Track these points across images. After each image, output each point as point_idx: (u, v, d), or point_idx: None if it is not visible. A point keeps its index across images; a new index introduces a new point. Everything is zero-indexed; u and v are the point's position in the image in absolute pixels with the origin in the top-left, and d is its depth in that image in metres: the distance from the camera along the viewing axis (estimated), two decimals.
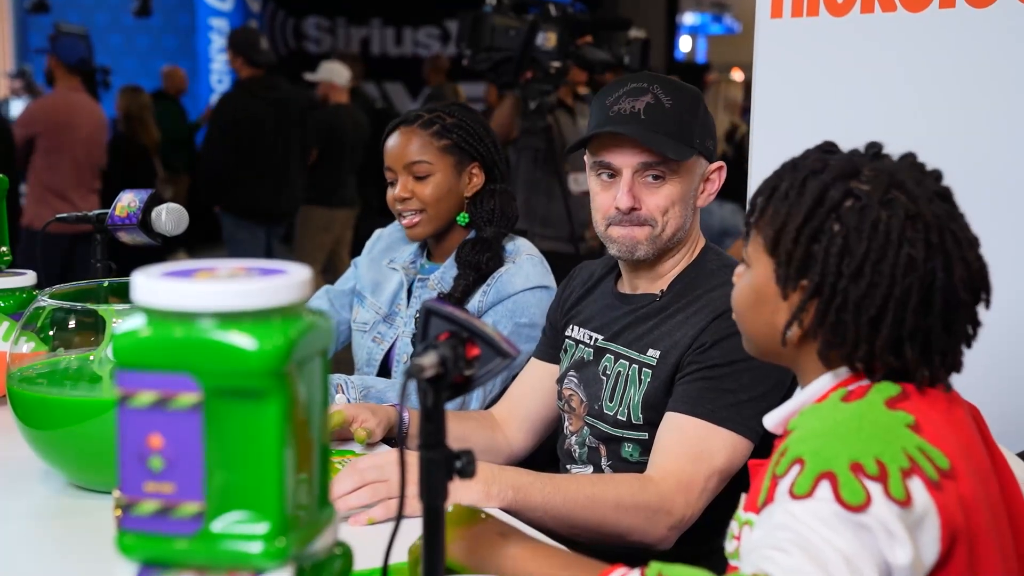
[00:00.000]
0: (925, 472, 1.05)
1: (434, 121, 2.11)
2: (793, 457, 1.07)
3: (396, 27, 11.98)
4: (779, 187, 1.19)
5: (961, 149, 1.81)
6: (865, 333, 1.12)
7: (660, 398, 1.67)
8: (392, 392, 2.04)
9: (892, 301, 1.11)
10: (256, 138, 5.36)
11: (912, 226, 1.11)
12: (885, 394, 1.12)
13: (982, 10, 1.78)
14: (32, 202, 5.08)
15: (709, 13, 17.13)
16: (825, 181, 1.15)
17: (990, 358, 1.75)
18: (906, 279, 1.11)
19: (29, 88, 8.16)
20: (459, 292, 2.08)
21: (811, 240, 1.14)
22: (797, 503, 1.04)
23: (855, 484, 1.02)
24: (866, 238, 1.11)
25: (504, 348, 1.01)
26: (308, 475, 0.87)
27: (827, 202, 1.14)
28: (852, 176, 1.15)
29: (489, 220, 2.14)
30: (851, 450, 1.05)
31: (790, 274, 1.16)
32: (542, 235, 4.12)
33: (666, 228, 1.72)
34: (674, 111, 1.70)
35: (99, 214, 2.10)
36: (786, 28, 2.09)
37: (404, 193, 2.10)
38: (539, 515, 1.52)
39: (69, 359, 1.60)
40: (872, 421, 1.09)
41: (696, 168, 1.74)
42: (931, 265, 1.11)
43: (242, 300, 0.82)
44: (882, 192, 1.13)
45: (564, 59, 4.05)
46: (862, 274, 1.11)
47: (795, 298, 1.17)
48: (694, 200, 1.75)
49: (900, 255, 1.11)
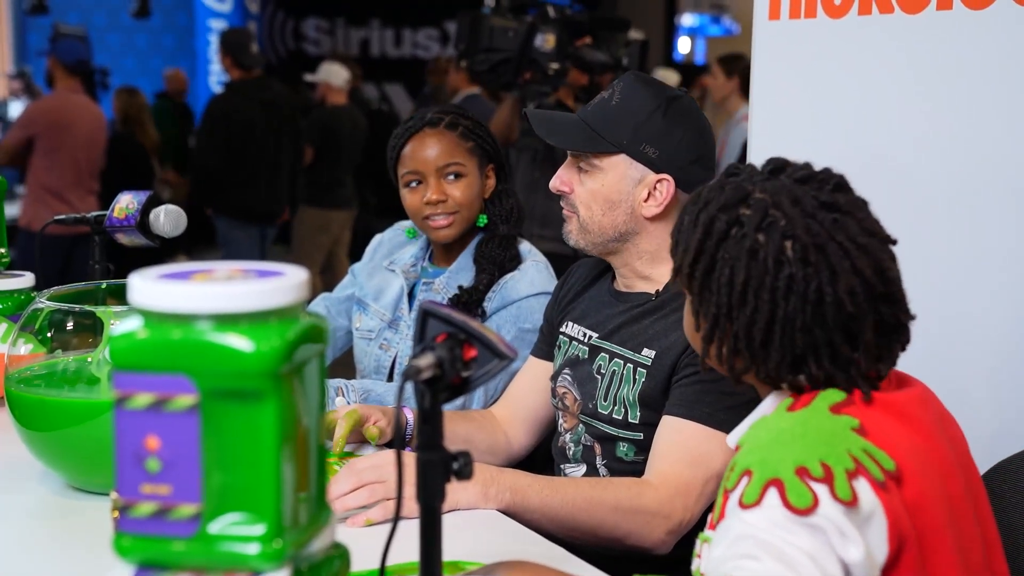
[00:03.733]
0: (870, 472, 1.07)
1: (457, 123, 2.10)
2: (742, 470, 1.09)
3: (395, 28, 11.98)
4: (683, 221, 1.23)
5: (959, 151, 1.81)
6: (760, 356, 1.16)
7: (655, 398, 1.67)
8: (391, 396, 2.04)
9: (777, 323, 1.13)
10: (247, 139, 5.36)
11: (791, 246, 1.13)
12: (830, 400, 1.14)
13: (979, 12, 1.78)
14: (30, 203, 5.08)
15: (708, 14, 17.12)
16: (712, 213, 1.19)
17: (994, 357, 1.75)
18: (789, 300, 1.13)
19: (28, 89, 8.15)
20: (483, 285, 2.08)
21: (706, 273, 1.18)
22: (749, 512, 1.06)
23: (801, 487, 1.04)
24: (744, 267, 1.15)
25: (501, 350, 1.01)
26: (305, 477, 0.87)
27: (715, 234, 1.18)
28: (740, 203, 1.18)
29: (506, 219, 2.14)
30: (796, 455, 1.07)
31: (697, 308, 1.21)
32: (540, 235, 4.12)
33: (590, 222, 1.74)
34: (615, 108, 1.71)
35: (97, 216, 2.10)
36: (784, 30, 2.09)
37: (439, 196, 2.07)
38: (537, 517, 1.52)
39: (67, 361, 1.60)
40: (816, 427, 1.10)
41: (625, 170, 1.72)
42: (814, 283, 1.13)
43: (239, 302, 0.82)
44: (760, 217, 1.15)
45: (563, 60, 4.04)
46: (745, 301, 1.15)
47: (703, 330, 1.21)
48: (629, 204, 1.72)
49: (779, 278, 1.13)
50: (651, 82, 1.75)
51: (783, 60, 2.11)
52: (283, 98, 5.59)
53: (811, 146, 1.36)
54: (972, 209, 1.78)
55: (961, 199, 1.80)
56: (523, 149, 4.22)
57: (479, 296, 2.07)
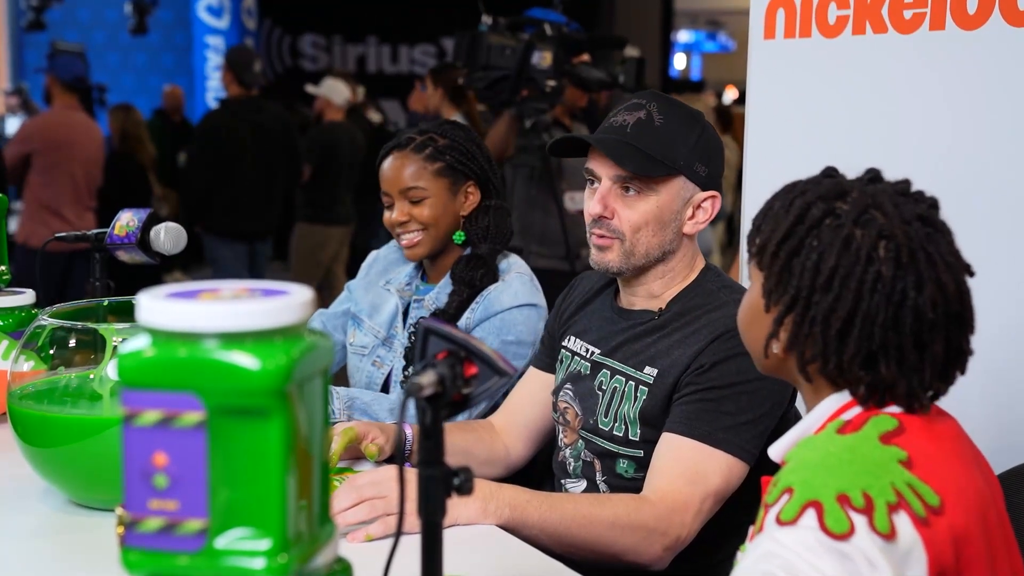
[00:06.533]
0: (912, 508, 1.07)
1: (426, 144, 2.12)
2: (784, 487, 1.10)
3: (392, 45, 12.03)
4: (773, 206, 1.24)
5: (952, 168, 1.83)
6: (834, 346, 1.16)
7: (656, 415, 1.68)
8: (377, 405, 2.05)
9: (859, 315, 1.14)
10: (235, 157, 5.39)
11: (884, 245, 1.15)
12: (880, 428, 1.13)
13: (972, 32, 1.81)
14: (27, 220, 5.09)
15: (703, 31, 17.22)
16: (809, 200, 1.20)
17: (987, 373, 1.76)
18: (874, 295, 1.14)
19: (25, 106, 8.17)
20: (453, 308, 2.10)
21: (790, 256, 1.19)
22: (783, 530, 1.06)
23: (840, 514, 1.04)
24: (836, 254, 1.15)
25: (501, 367, 1.02)
26: (309, 492, 0.89)
27: (808, 220, 1.18)
28: (838, 197, 1.19)
29: (484, 237, 2.15)
30: (840, 482, 1.07)
31: (772, 288, 1.21)
32: (538, 253, 4.14)
33: (637, 245, 1.72)
34: (663, 129, 1.70)
35: (98, 233, 2.11)
36: (779, 49, 2.11)
37: (402, 217, 2.12)
38: (535, 533, 1.53)
39: (69, 377, 1.61)
40: (864, 455, 1.10)
41: (679, 190, 1.72)
42: (901, 284, 1.14)
43: (245, 321, 0.83)
44: (859, 212, 1.17)
45: (560, 78, 4.07)
46: (830, 288, 1.15)
47: (775, 312, 1.20)
48: (677, 224, 1.73)
49: (868, 272, 1.14)
50: (676, 101, 1.77)
51: (778, 79, 2.13)
52: (276, 119, 5.60)
53: (805, 164, 1.38)
54: (965, 226, 1.79)
55: (954, 217, 1.81)
56: (519, 166, 4.25)
57: (450, 317, 2.09)
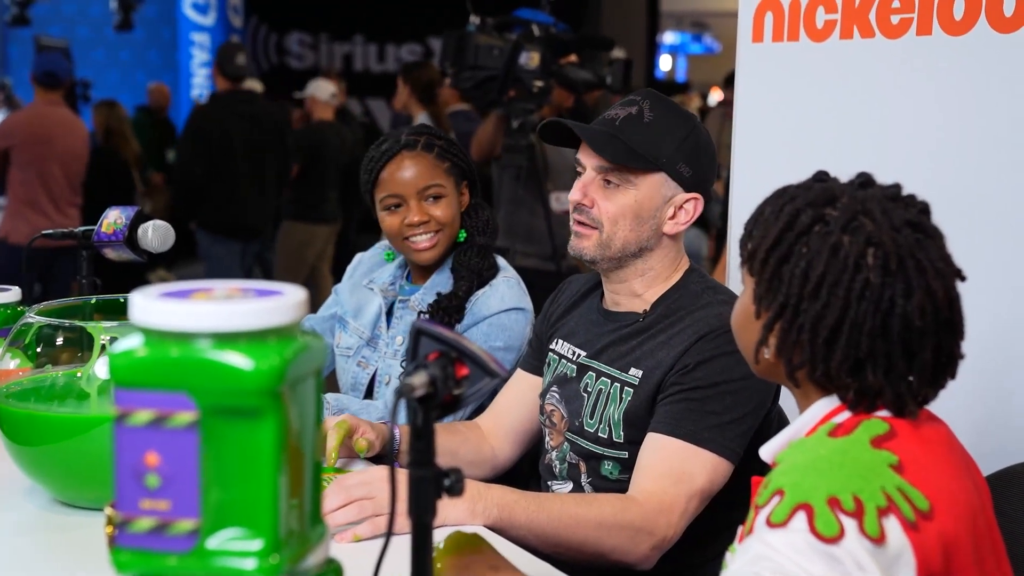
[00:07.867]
0: (902, 512, 1.07)
1: (431, 144, 2.11)
2: (774, 489, 1.10)
3: (379, 44, 12.01)
4: (764, 211, 1.25)
5: (939, 173, 1.84)
6: (821, 353, 1.16)
7: (641, 417, 1.69)
8: (366, 414, 2.04)
9: (847, 323, 1.15)
10: (229, 152, 5.34)
11: (873, 252, 1.15)
12: (872, 432, 1.14)
13: (958, 37, 1.82)
14: (9, 216, 5.05)
15: (689, 32, 17.27)
16: (798, 206, 1.20)
17: (975, 375, 1.78)
18: (861, 303, 1.14)
19: (8, 101, 8.12)
20: (463, 292, 2.08)
21: (780, 263, 1.19)
22: (773, 532, 1.07)
23: (830, 517, 1.05)
24: (824, 261, 1.16)
25: (492, 368, 1.02)
26: (301, 492, 0.89)
27: (797, 226, 1.19)
28: (827, 203, 1.19)
29: (483, 231, 2.16)
30: (830, 485, 1.07)
31: (762, 295, 1.21)
32: (524, 252, 4.14)
33: (614, 237, 1.73)
34: (650, 125, 1.72)
35: (85, 231, 2.10)
36: (767, 52, 2.12)
37: (421, 217, 2.08)
38: (523, 533, 1.53)
39: (56, 376, 1.60)
40: (855, 458, 1.11)
41: (659, 187, 1.73)
42: (889, 292, 1.14)
43: (238, 321, 0.83)
44: (848, 219, 1.17)
45: (547, 78, 4.07)
46: (818, 295, 1.16)
47: (765, 318, 1.21)
48: (656, 221, 1.74)
49: (856, 279, 1.14)
50: (671, 101, 1.78)
51: (766, 82, 2.14)
52: (268, 113, 5.58)
53: (793, 167, 1.39)
54: (953, 230, 1.81)
55: (942, 221, 1.83)
56: (506, 166, 4.25)
57: (459, 302, 2.08)
